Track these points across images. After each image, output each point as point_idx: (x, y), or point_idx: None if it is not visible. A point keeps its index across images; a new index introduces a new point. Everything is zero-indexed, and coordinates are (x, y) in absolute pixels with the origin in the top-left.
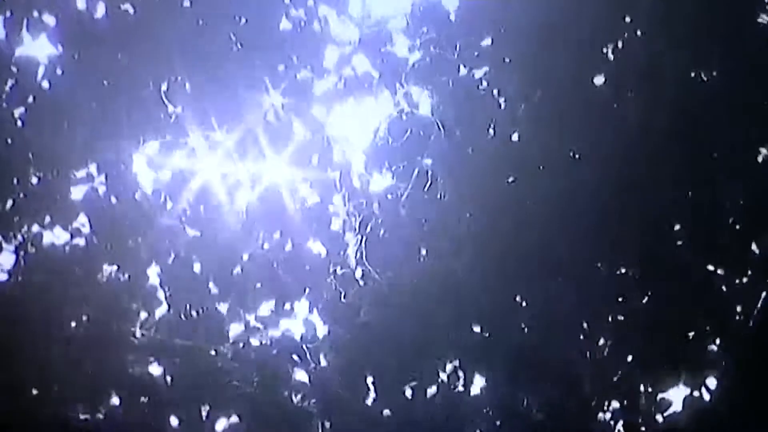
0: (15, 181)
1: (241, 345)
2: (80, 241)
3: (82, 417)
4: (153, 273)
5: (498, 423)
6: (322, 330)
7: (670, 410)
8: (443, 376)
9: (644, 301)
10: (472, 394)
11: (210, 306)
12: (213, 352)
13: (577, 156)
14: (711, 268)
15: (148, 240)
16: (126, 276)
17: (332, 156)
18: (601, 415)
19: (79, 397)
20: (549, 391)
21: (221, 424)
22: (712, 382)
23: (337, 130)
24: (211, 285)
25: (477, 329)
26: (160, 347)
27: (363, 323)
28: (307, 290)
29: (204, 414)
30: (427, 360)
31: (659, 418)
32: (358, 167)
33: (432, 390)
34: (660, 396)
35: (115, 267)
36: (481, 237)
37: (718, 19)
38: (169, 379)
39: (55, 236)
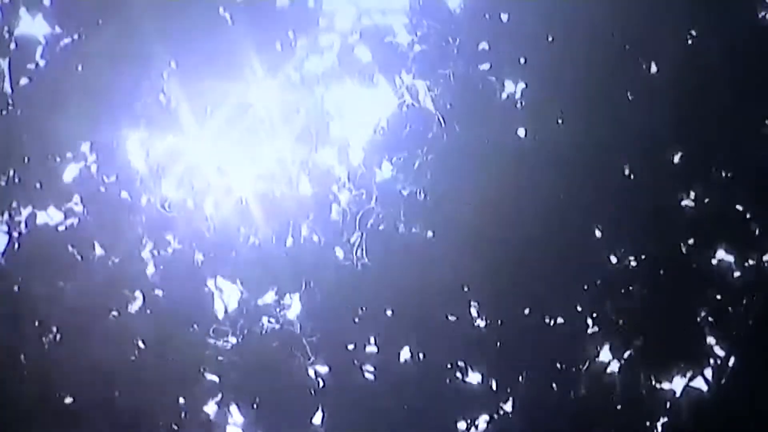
0: (8, 160)
1: (240, 338)
2: (73, 222)
3: (76, 402)
4: (148, 258)
5: (496, 415)
6: (321, 322)
7: (671, 402)
8: (444, 370)
9: (645, 293)
10: (471, 386)
11: (205, 293)
12: (209, 341)
13: (578, 149)
14: (713, 261)
15: (143, 225)
16: (119, 258)
17: (331, 147)
18: (601, 407)
19: (74, 382)
20: (548, 383)
21: (220, 413)
22: (712, 373)
23: (337, 121)
24: (206, 271)
25: (477, 322)
26: (155, 336)
27: (362, 315)
28: (307, 282)
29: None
30: (428, 353)
31: (660, 410)
32: (358, 159)
33: (432, 383)
34: (660, 388)
35: (108, 248)
36: (481, 230)
37: (717, 15)
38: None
39: (49, 216)
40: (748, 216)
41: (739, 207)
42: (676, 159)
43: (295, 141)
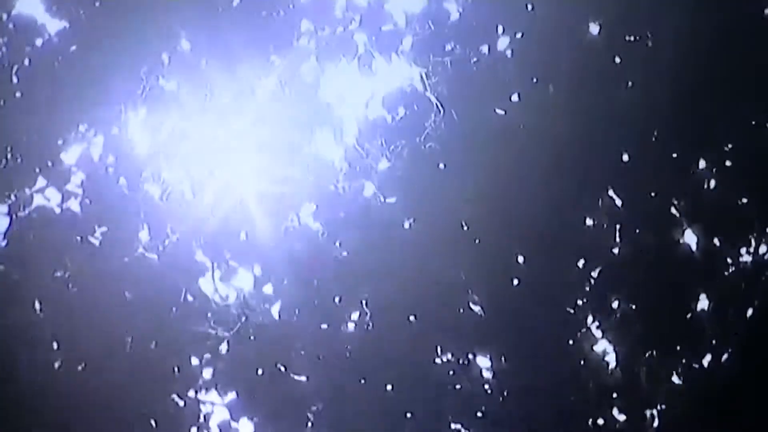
0: (8, 142)
1: (238, 328)
2: (74, 204)
3: (73, 384)
4: (146, 244)
5: (492, 405)
6: (319, 312)
7: (668, 391)
8: (441, 359)
9: (642, 282)
10: (466, 377)
11: (203, 282)
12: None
13: (577, 136)
14: (711, 250)
15: (141, 211)
16: (118, 243)
17: (329, 135)
18: (597, 396)
19: (71, 368)
20: (545, 372)
21: (218, 402)
22: (710, 363)
23: (334, 108)
24: (204, 260)
25: (475, 309)
26: (152, 323)
27: (359, 304)
28: (306, 273)
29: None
30: (426, 342)
31: (657, 398)
32: (355, 147)
33: (432, 374)
34: (658, 377)
35: (106, 233)
36: (479, 218)
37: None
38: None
39: (49, 199)
40: (746, 205)
41: (736, 196)
42: (677, 145)
43: (291, 129)
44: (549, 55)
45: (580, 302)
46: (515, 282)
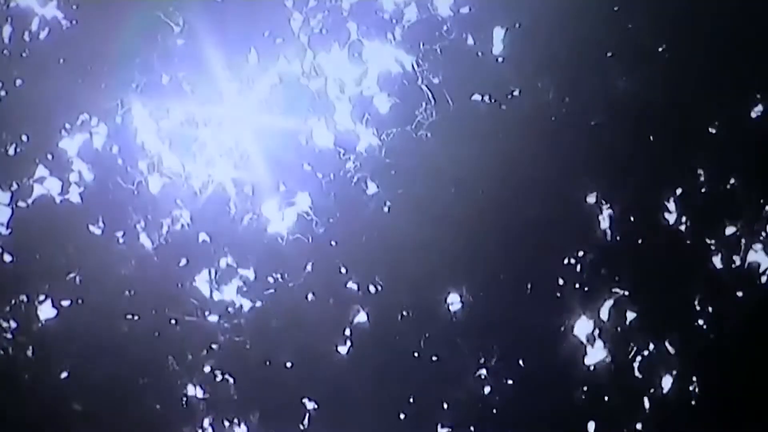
0: (9, 133)
1: (230, 320)
2: (75, 196)
3: (71, 378)
4: (146, 236)
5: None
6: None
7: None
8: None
9: (637, 274)
10: (457, 368)
11: (205, 274)
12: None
13: (571, 126)
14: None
15: (143, 202)
16: (118, 235)
17: (320, 123)
18: (588, 389)
19: (72, 362)
20: (539, 366)
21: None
22: (707, 356)
23: (326, 97)
24: (205, 251)
25: (466, 301)
26: (151, 318)
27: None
28: (299, 264)
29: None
30: (420, 340)
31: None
32: (346, 135)
33: (428, 369)
34: (652, 370)
35: (108, 224)
36: (470, 208)
37: None
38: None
39: (49, 189)
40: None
41: (734, 191)
42: (673, 138)
43: (285, 118)
44: (544, 44)
45: (573, 295)
46: (508, 272)
